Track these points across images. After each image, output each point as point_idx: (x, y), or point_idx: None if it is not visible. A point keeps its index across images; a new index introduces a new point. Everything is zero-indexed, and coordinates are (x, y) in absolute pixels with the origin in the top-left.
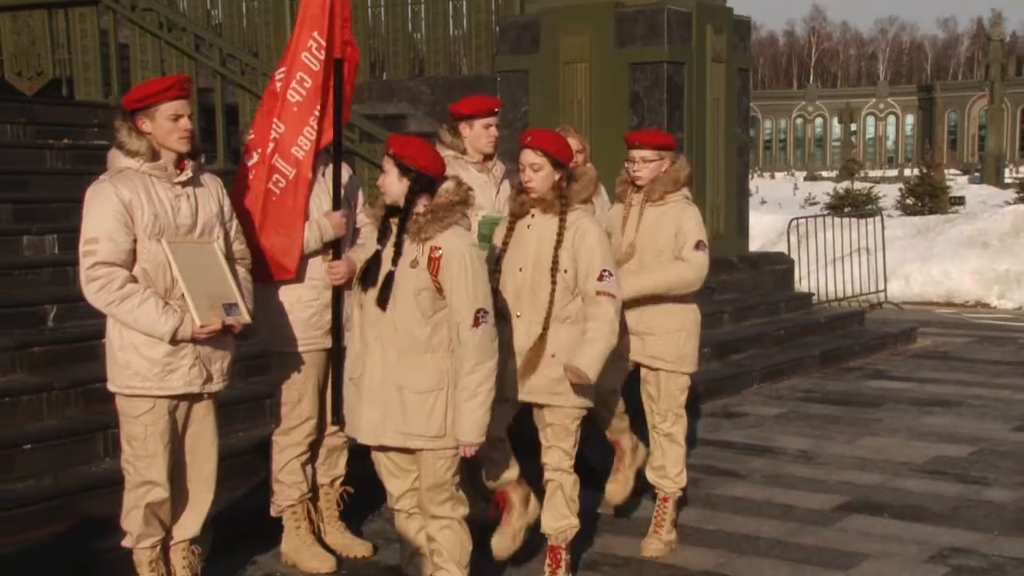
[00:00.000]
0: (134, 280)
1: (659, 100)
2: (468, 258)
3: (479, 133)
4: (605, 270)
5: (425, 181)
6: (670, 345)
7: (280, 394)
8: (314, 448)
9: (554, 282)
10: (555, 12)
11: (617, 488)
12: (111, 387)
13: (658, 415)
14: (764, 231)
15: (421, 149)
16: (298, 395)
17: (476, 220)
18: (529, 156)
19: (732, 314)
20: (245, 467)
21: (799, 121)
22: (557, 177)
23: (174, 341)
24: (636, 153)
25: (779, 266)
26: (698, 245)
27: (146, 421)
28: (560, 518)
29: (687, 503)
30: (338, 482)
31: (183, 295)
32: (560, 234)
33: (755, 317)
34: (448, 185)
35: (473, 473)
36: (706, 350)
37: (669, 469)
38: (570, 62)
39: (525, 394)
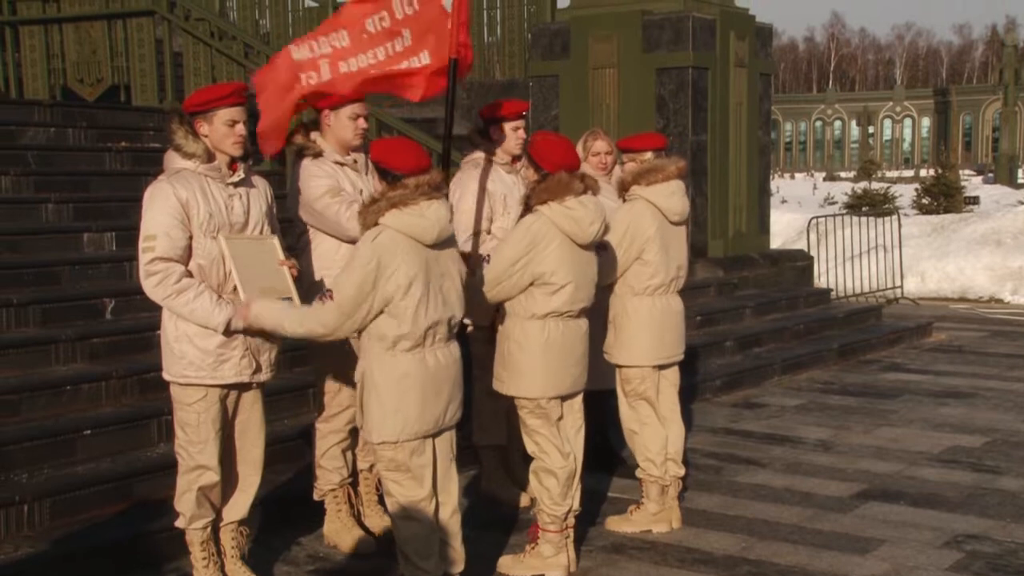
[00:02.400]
0: (189, 275)
1: (684, 104)
2: (356, 252)
3: (507, 135)
4: (487, 255)
5: (388, 176)
6: None
7: (322, 383)
8: (354, 435)
9: None
10: (585, 19)
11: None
12: (166, 376)
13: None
14: (785, 229)
15: (387, 148)
16: (339, 384)
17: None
18: None
19: (754, 309)
20: (289, 453)
21: (819, 124)
22: (535, 179)
23: (227, 332)
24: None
25: (799, 263)
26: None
27: (199, 409)
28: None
29: (711, 490)
30: (376, 468)
31: (235, 288)
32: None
33: (776, 312)
34: (408, 180)
35: (507, 461)
36: (728, 343)
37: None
38: (599, 67)
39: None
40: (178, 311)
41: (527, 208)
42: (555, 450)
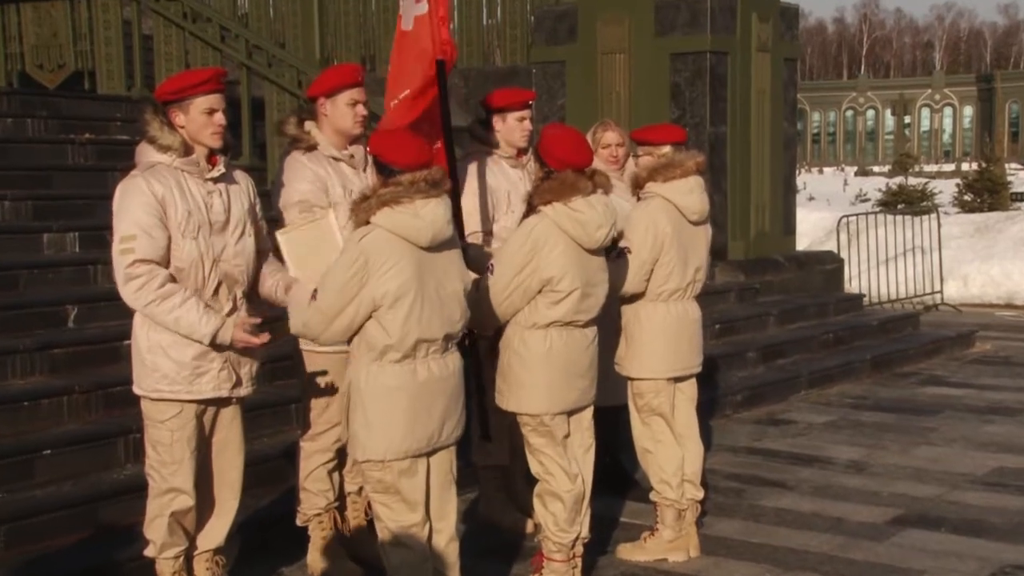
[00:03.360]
0: (173, 280)
1: (701, 92)
2: (342, 252)
3: (512, 127)
4: (490, 263)
5: (385, 170)
6: None
7: (307, 398)
8: (342, 455)
9: None
10: (593, 0)
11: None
12: (137, 390)
13: None
14: (812, 229)
15: (385, 139)
16: (325, 399)
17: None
18: None
19: (778, 316)
20: (271, 474)
21: (849, 113)
22: (540, 176)
23: (214, 344)
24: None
25: (828, 266)
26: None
27: (173, 426)
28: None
29: (731, 514)
30: (365, 490)
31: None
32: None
33: (802, 319)
34: (403, 176)
35: (510, 483)
36: (750, 354)
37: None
38: (608, 52)
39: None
40: (161, 319)
41: (530, 208)
42: (561, 471)
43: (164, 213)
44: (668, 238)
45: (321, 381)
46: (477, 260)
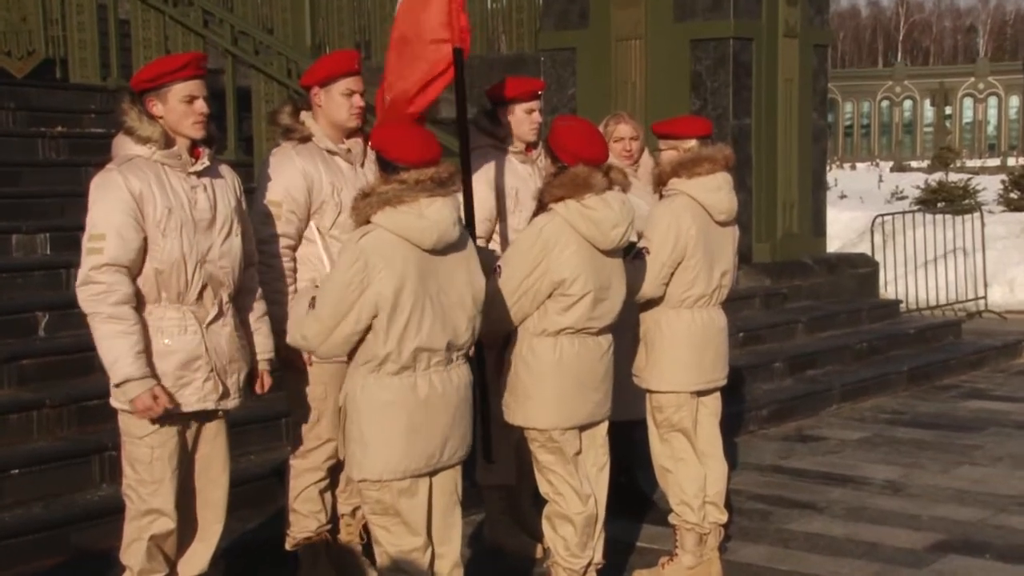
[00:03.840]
0: (135, 303)
1: (724, 81)
2: (340, 255)
3: (520, 119)
4: (497, 265)
5: (388, 167)
6: None
7: (298, 412)
8: (335, 473)
9: None
10: None
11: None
12: (114, 403)
13: None
14: (844, 229)
15: (389, 134)
16: (317, 413)
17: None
18: None
19: (807, 324)
20: (258, 495)
21: (885, 104)
22: (552, 171)
23: (117, 386)
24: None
25: (861, 269)
26: None
27: (152, 442)
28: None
29: (757, 539)
30: (360, 512)
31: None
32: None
33: (834, 328)
34: (407, 174)
35: (517, 504)
36: (777, 365)
37: None
38: (623, 39)
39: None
40: (95, 333)
41: (541, 206)
42: (572, 492)
43: (141, 211)
44: (693, 240)
45: (312, 393)
46: (483, 262)
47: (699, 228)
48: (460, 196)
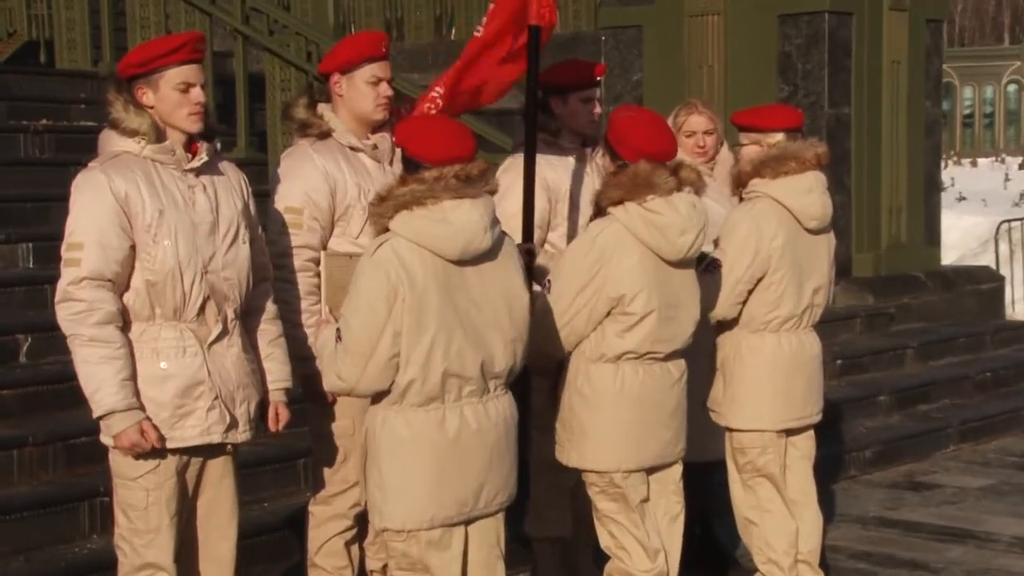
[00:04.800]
0: (121, 323)
1: (818, 63)
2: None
3: (576, 110)
4: (547, 279)
5: (410, 165)
6: None
7: (320, 450)
8: (363, 522)
9: None
10: None
11: None
12: (105, 439)
13: None
14: (963, 238)
15: (413, 128)
16: (344, 452)
17: None
18: None
19: (918, 350)
20: (273, 547)
21: (1012, 88)
22: (611, 171)
23: (100, 418)
24: None
25: (984, 285)
26: None
27: (148, 484)
28: None
29: None
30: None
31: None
32: None
33: (951, 354)
34: (427, 172)
35: (572, 560)
36: (883, 398)
37: None
38: (697, 14)
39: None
40: (74, 358)
41: (598, 210)
42: (638, 546)
43: (127, 215)
44: (777, 251)
45: (338, 428)
46: (537, 275)
47: (786, 237)
48: (494, 198)
